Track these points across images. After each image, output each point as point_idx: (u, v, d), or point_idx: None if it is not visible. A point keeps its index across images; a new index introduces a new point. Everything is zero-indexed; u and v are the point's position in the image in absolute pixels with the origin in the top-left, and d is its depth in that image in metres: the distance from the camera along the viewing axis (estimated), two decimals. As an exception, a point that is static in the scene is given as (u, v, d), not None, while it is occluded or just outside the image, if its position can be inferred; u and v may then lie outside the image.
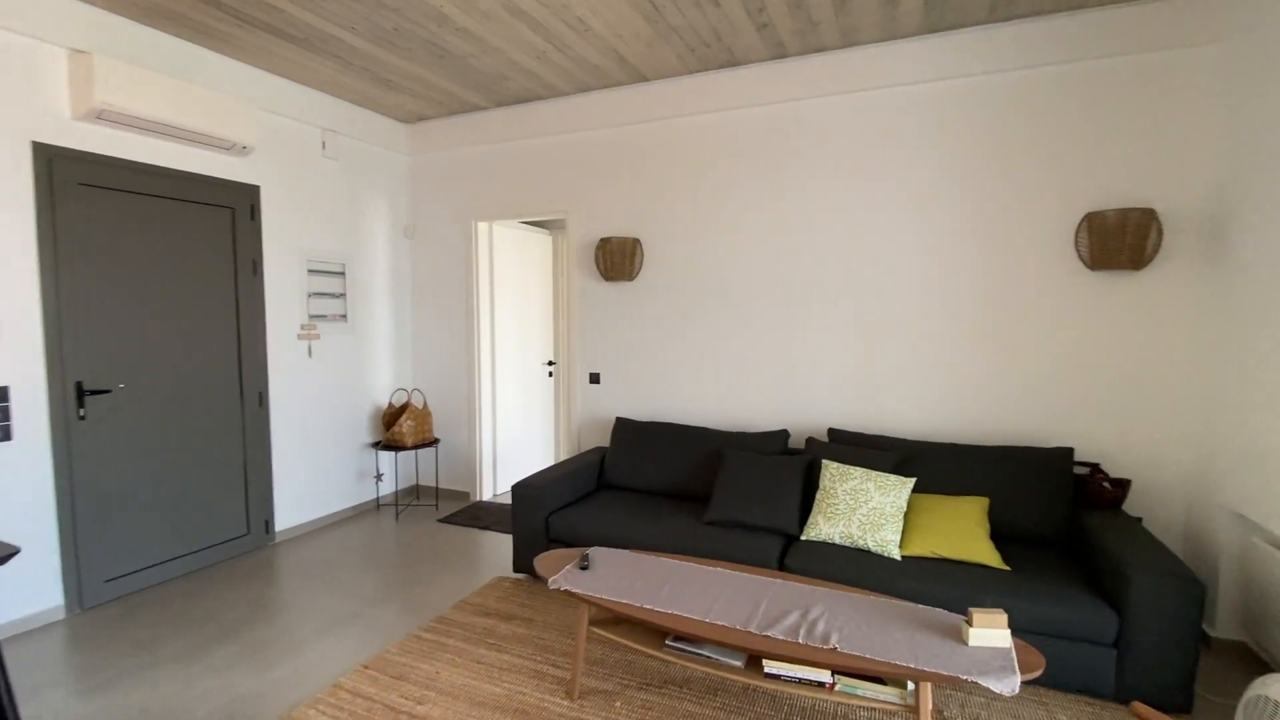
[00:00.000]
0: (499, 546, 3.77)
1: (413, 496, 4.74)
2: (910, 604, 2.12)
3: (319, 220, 4.01)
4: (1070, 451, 2.82)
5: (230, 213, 3.51)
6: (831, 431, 3.28)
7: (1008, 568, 2.49)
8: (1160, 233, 2.76)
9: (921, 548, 2.62)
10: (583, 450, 4.16)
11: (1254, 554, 2.39)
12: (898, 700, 1.84)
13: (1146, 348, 2.89)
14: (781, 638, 1.91)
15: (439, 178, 4.58)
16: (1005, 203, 3.08)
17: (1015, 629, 2.29)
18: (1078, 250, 2.97)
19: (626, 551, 2.56)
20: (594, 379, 4.10)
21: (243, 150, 3.40)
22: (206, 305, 3.41)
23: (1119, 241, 2.84)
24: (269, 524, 3.77)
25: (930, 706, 1.82)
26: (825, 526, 2.76)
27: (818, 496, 2.89)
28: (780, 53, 3.36)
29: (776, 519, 2.87)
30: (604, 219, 3.99)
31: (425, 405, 4.72)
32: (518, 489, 3.18)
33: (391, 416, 4.38)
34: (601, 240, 3.87)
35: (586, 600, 2.16)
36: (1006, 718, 2.17)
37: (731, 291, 3.66)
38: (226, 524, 3.55)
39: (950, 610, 2.35)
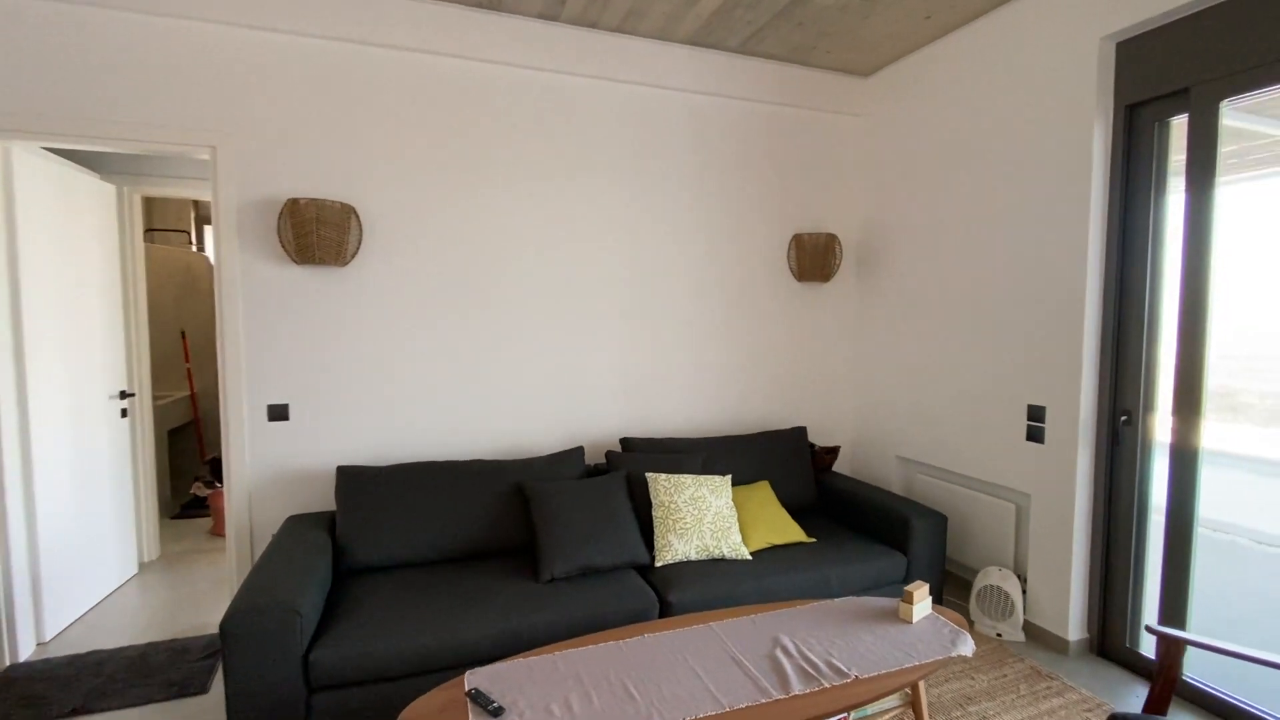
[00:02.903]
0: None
1: None
2: (827, 601, 2.17)
3: None
4: (804, 430, 3.40)
5: None
6: (624, 441, 3.06)
7: (815, 539, 2.83)
8: (840, 253, 3.60)
9: (759, 541, 2.72)
10: (273, 529, 2.69)
11: (917, 484, 3.40)
12: (900, 701, 1.85)
13: (835, 341, 3.74)
14: (809, 690, 1.66)
15: None
16: (743, 219, 3.45)
17: (845, 590, 2.62)
18: (789, 265, 3.59)
19: (519, 661, 1.78)
20: (277, 414, 2.69)
21: None
22: None
23: (815, 259, 3.56)
24: None
25: (925, 698, 1.91)
26: (679, 545, 2.56)
27: (657, 514, 2.65)
28: (555, 12, 2.88)
29: (625, 552, 2.50)
30: (294, 169, 2.64)
31: None
32: (237, 624, 1.81)
33: None
34: (291, 203, 2.55)
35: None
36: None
37: (492, 288, 2.97)
38: None
39: (815, 595, 2.53)
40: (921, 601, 2.04)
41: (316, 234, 2.56)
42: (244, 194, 2.58)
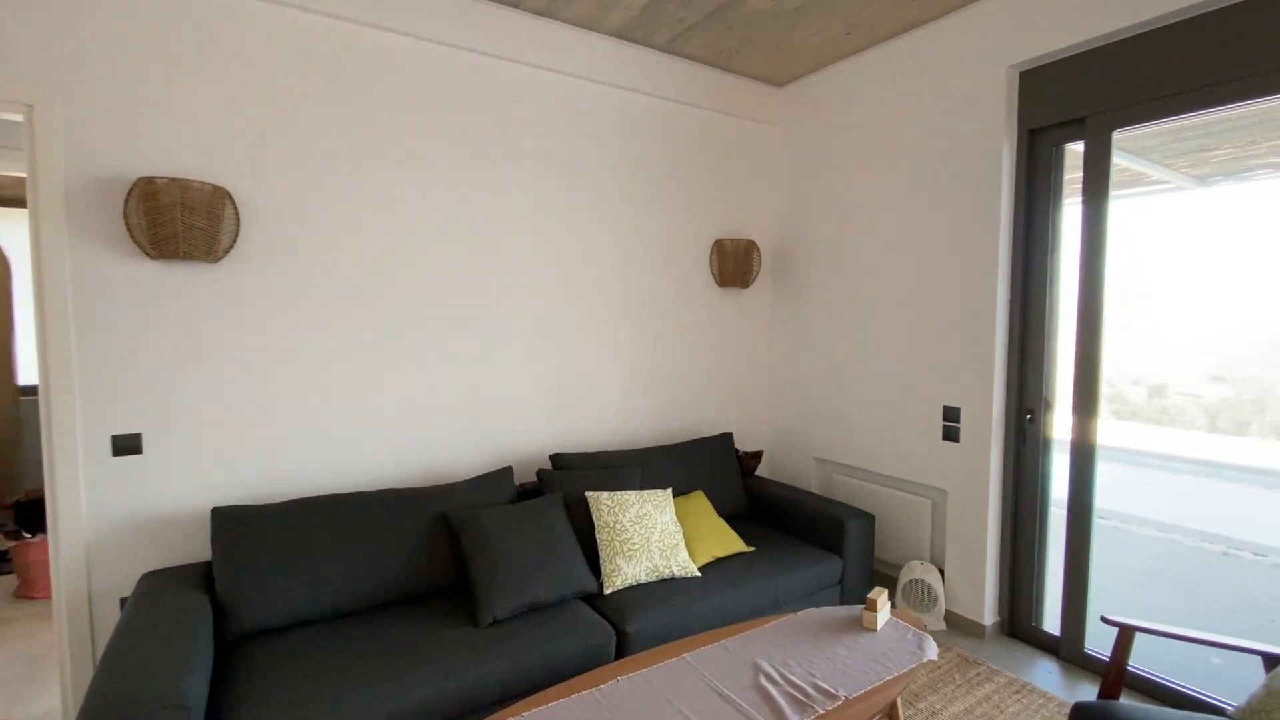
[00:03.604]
0: None
1: None
2: (791, 617, 2.13)
3: None
4: (731, 436, 3.38)
5: None
6: (555, 458, 2.83)
7: (754, 548, 2.80)
8: (760, 259, 3.63)
9: (704, 556, 2.63)
10: (123, 591, 2.12)
11: (835, 484, 3.51)
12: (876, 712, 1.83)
13: (755, 346, 3.76)
14: (795, 718, 1.58)
15: None
16: (669, 223, 3.36)
17: (790, 598, 2.61)
18: (711, 270, 3.56)
19: (483, 727, 1.52)
20: (125, 446, 2.14)
21: None
22: None
23: (736, 265, 3.56)
24: None
25: (900, 706, 1.90)
26: (628, 568, 2.39)
27: (602, 537, 2.46)
28: (474, -17, 2.59)
29: (571, 582, 2.28)
30: (148, 140, 2.11)
31: None
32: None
33: None
34: (144, 183, 2.03)
35: None
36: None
37: (399, 292, 2.60)
38: None
39: (766, 607, 2.49)
40: (884, 609, 2.06)
41: (181, 222, 2.06)
42: (76, 169, 2.02)
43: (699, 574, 2.51)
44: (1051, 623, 2.71)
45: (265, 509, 2.15)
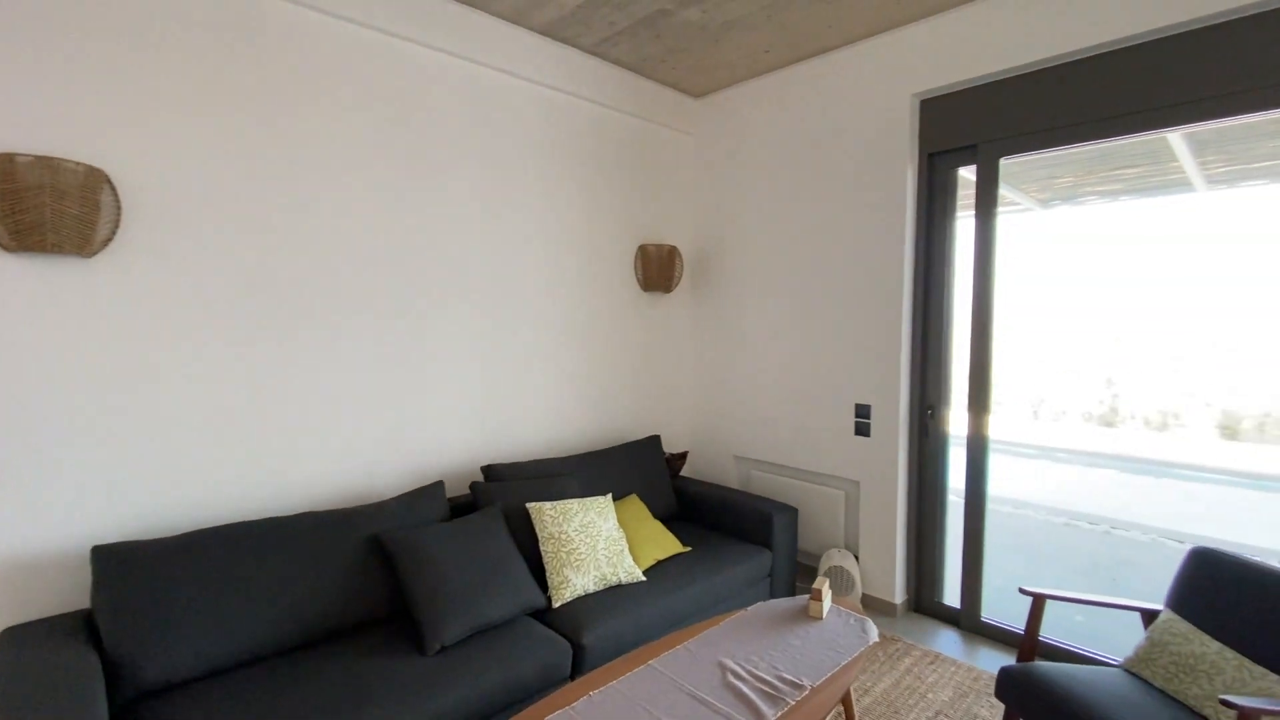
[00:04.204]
0: None
1: None
2: (742, 613, 2.19)
3: None
4: (659, 438, 3.43)
5: None
6: (488, 469, 2.71)
7: (690, 548, 2.86)
8: (681, 264, 3.70)
9: (647, 560, 2.64)
10: (-69, 656, 1.72)
11: (754, 481, 3.67)
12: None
13: (677, 350, 3.84)
14: (780, 713, 1.64)
15: None
16: (595, 227, 3.33)
17: (730, 593, 2.70)
18: (636, 275, 3.58)
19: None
20: (-33, 479, 1.75)
21: None
22: None
23: (659, 269, 3.61)
24: None
25: (851, 688, 2.01)
26: (577, 579, 2.34)
27: (547, 549, 2.39)
28: (398, -37, 2.41)
29: (520, 598, 2.20)
30: (9, 112, 1.74)
31: None
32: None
33: None
34: (2, 159, 1.68)
35: None
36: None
37: (310, 295, 2.36)
38: None
39: (711, 605, 2.55)
40: (828, 597, 2.18)
41: (50, 209, 1.73)
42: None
43: (644, 578, 2.51)
44: (951, 597, 3.02)
45: (159, 544, 1.86)
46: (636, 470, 3.17)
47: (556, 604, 2.29)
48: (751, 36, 2.99)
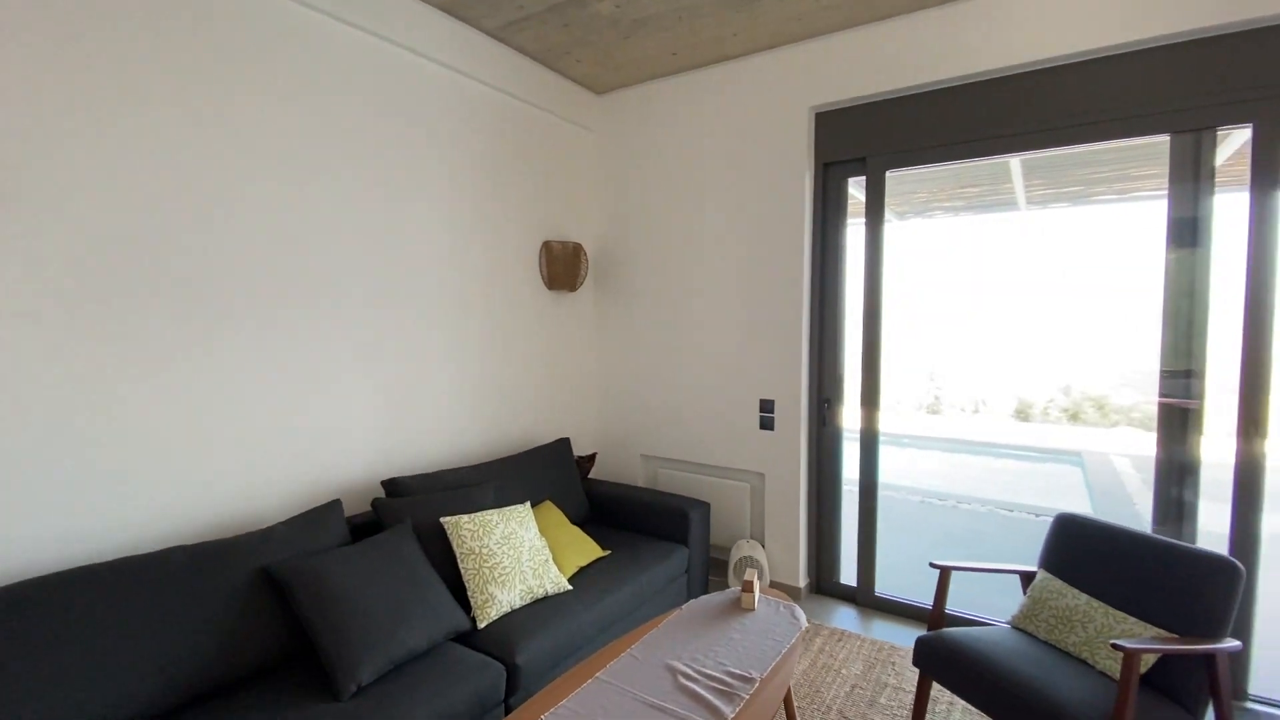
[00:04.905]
0: None
1: None
2: (678, 611, 2.18)
3: None
4: (568, 441, 3.33)
5: None
6: (390, 483, 2.46)
7: (609, 551, 2.80)
8: (586, 262, 3.63)
9: (570, 567, 2.54)
10: None
11: (661, 478, 3.69)
12: (774, 687, 1.97)
13: (583, 349, 3.75)
14: (737, 710, 1.64)
15: None
16: (497, 222, 3.16)
17: (655, 592, 2.68)
18: (540, 272, 3.45)
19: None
20: None
21: None
22: None
23: (564, 267, 3.52)
24: None
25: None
26: (502, 595, 2.19)
27: (468, 565, 2.21)
28: (281, -91, 2.09)
29: (442, 622, 2.00)
30: None
31: None
32: None
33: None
34: None
35: None
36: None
37: (175, 281, 1.98)
38: None
39: (639, 607, 2.52)
40: (759, 587, 2.24)
41: None
42: None
43: (570, 587, 2.41)
44: (847, 576, 3.25)
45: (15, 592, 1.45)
46: (548, 475, 3.05)
47: (482, 624, 2.12)
48: (661, 37, 3.00)
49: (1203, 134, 2.31)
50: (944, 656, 1.95)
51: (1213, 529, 2.38)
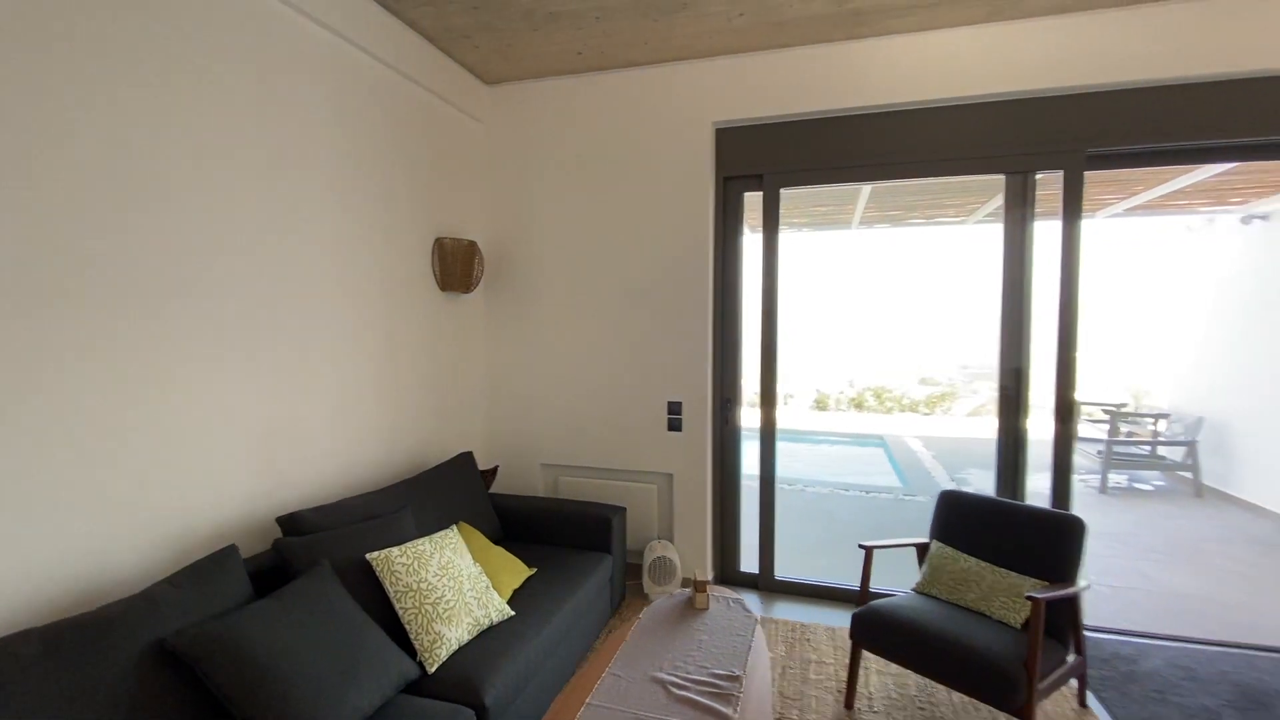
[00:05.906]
0: None
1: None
2: (640, 620, 2.16)
3: None
4: (471, 454, 3.10)
5: None
6: (289, 519, 2.08)
7: (536, 568, 2.67)
8: (481, 262, 3.40)
9: (505, 590, 2.38)
10: None
11: (562, 486, 3.59)
12: (743, 681, 2.03)
13: (478, 355, 3.50)
14: (738, 712, 1.68)
15: None
16: (386, 215, 2.82)
17: (571, 604, 2.60)
18: (433, 272, 3.16)
19: None
20: None
21: None
22: None
23: (458, 266, 3.27)
24: None
25: None
26: (450, 632, 1.97)
27: (406, 605, 1.96)
28: None
29: (390, 675, 1.75)
30: None
31: None
32: None
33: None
34: None
35: None
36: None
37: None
38: None
39: (588, 623, 2.43)
40: (709, 590, 2.30)
41: None
42: None
43: (513, 612, 2.25)
44: (748, 564, 3.47)
45: None
46: (456, 495, 2.81)
47: (433, 667, 1.89)
48: (572, 34, 2.92)
49: (1029, 176, 2.87)
50: (879, 627, 2.18)
51: (1041, 490, 2.96)
